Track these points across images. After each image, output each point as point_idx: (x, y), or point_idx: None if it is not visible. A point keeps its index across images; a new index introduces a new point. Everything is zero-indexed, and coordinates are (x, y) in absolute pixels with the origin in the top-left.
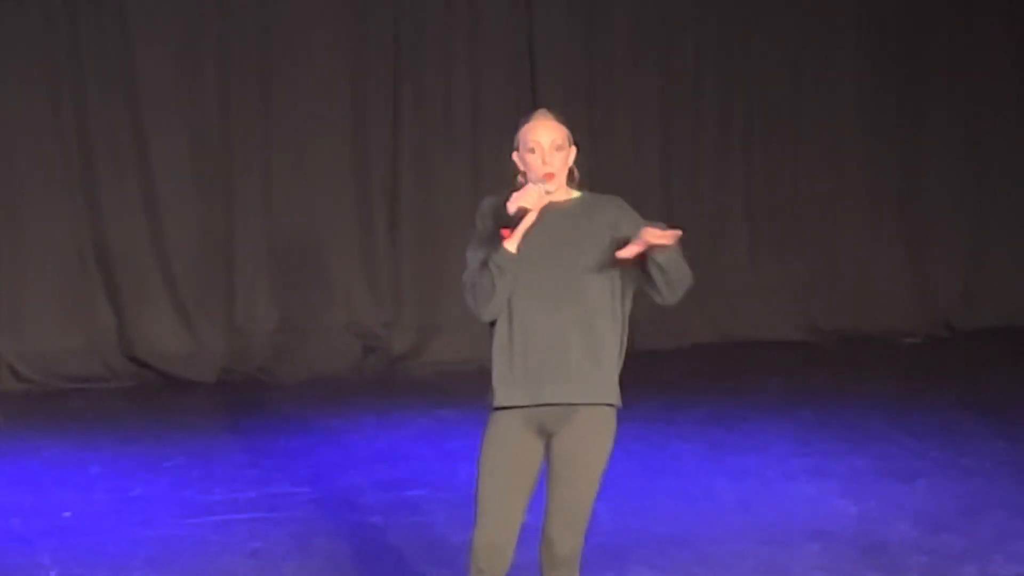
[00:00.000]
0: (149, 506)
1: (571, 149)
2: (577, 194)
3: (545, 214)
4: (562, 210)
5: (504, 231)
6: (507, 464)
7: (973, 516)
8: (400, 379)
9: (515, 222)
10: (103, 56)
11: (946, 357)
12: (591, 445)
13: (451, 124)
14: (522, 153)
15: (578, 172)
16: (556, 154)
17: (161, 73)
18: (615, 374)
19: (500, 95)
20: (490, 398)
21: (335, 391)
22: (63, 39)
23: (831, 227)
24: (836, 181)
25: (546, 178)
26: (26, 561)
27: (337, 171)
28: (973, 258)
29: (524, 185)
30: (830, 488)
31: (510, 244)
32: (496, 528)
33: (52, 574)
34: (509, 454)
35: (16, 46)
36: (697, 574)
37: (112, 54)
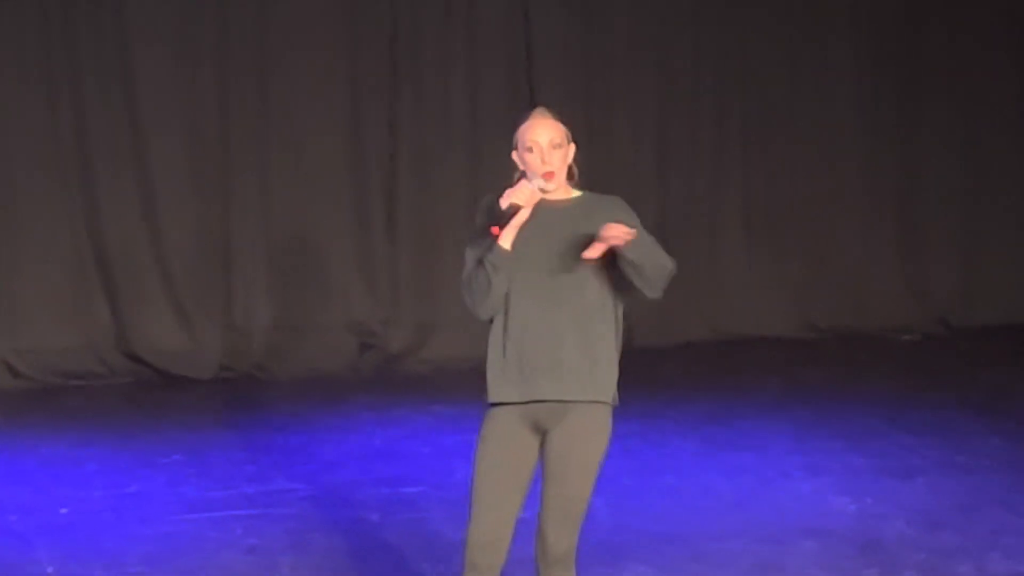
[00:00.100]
0: (146, 503)
1: (570, 147)
2: (577, 193)
3: (544, 212)
4: (561, 209)
5: (493, 228)
6: (502, 460)
7: (970, 513)
8: (397, 376)
9: (506, 219)
10: (101, 55)
11: (943, 355)
12: (585, 442)
13: (449, 122)
14: (521, 152)
15: (577, 170)
16: (555, 152)
17: (159, 71)
18: (612, 372)
19: (498, 94)
20: (486, 394)
21: (332, 388)
22: (61, 37)
23: (829, 225)
24: (834, 179)
25: (545, 176)
26: (23, 558)
27: (335, 169)
28: (970, 256)
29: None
30: (827, 486)
31: (504, 241)
32: (491, 524)
33: (49, 571)
34: (504, 450)
35: (14, 44)
36: (694, 572)
37: (110, 53)
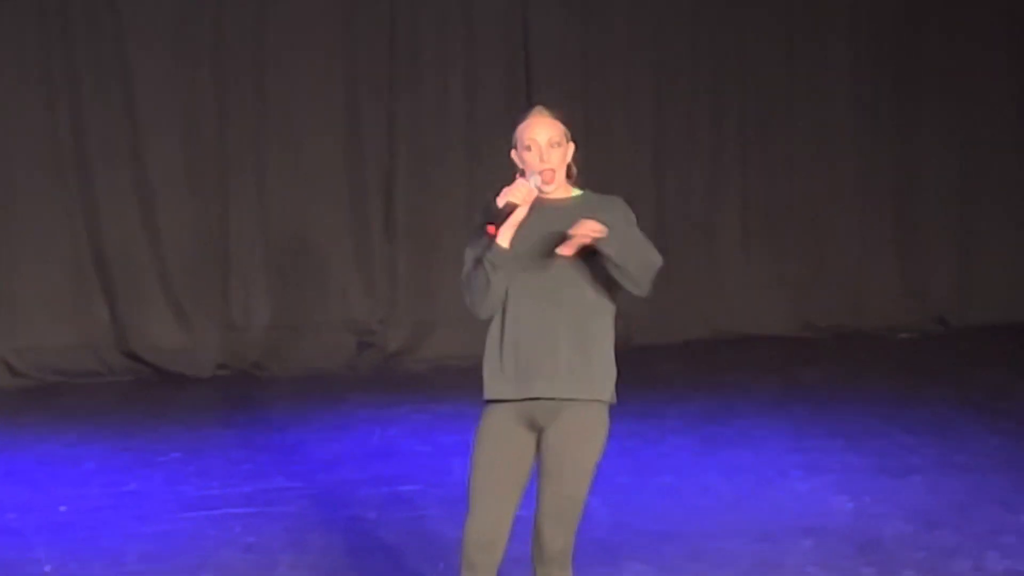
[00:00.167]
0: (144, 501)
1: (569, 146)
2: (577, 192)
3: (543, 211)
4: (560, 208)
5: (489, 227)
6: (499, 458)
7: (968, 512)
8: (395, 375)
9: (503, 217)
10: (99, 55)
11: (940, 353)
12: (581, 441)
13: (447, 122)
14: (519, 151)
15: (575, 169)
16: (553, 151)
17: (157, 71)
18: (608, 370)
19: (496, 94)
20: (483, 392)
21: (331, 387)
22: (59, 37)
23: (827, 224)
24: (832, 179)
25: (544, 175)
26: (22, 556)
27: (333, 169)
28: (968, 255)
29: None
30: (825, 485)
31: (503, 239)
32: (488, 522)
33: (47, 569)
34: (501, 448)
35: (12, 44)
36: (693, 570)
37: (108, 53)
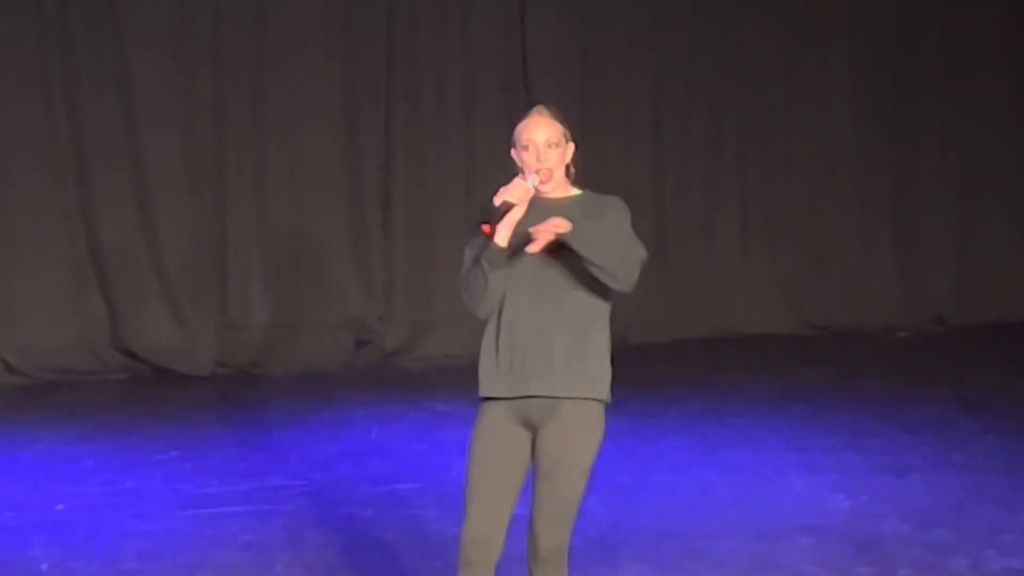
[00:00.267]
0: (142, 499)
1: (568, 146)
2: (576, 192)
3: (541, 210)
4: (559, 207)
5: (484, 226)
6: (495, 456)
7: (965, 510)
8: (393, 373)
9: (499, 216)
10: (97, 54)
11: (938, 352)
12: (575, 440)
13: (444, 120)
14: (518, 150)
15: (574, 169)
16: (550, 151)
17: (155, 71)
18: (604, 369)
19: (493, 93)
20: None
21: (328, 385)
22: (57, 37)
23: (823, 222)
24: (830, 178)
25: (541, 175)
26: (19, 555)
27: (330, 166)
28: (966, 253)
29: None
30: (822, 483)
31: (500, 239)
32: (484, 520)
33: (44, 567)
34: (497, 446)
35: (10, 44)
36: (689, 569)
37: (106, 52)
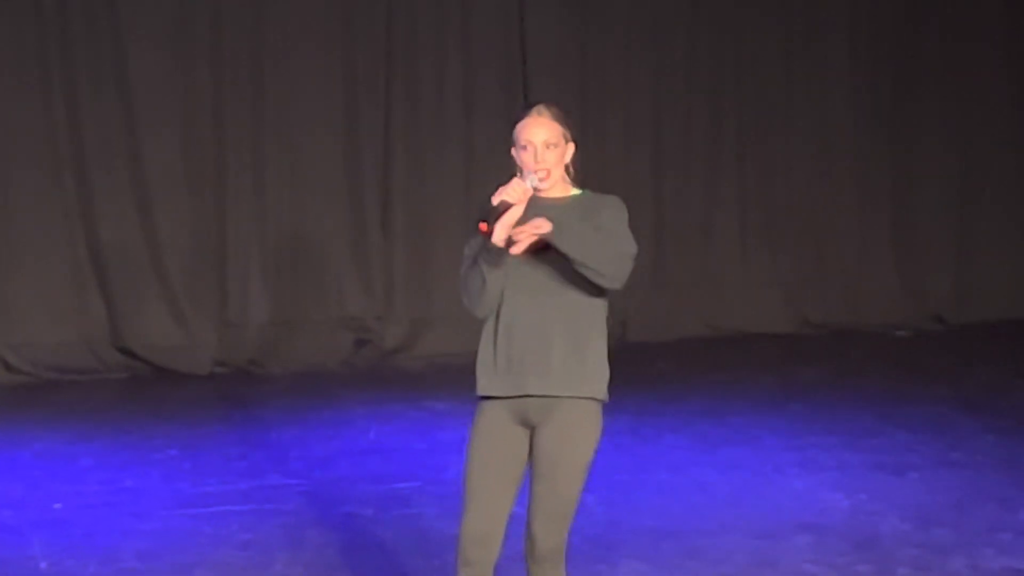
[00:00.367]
0: (141, 498)
1: (568, 146)
2: (576, 191)
3: (540, 210)
4: (557, 206)
5: (481, 225)
6: (493, 454)
7: (963, 509)
8: (392, 372)
9: (497, 216)
10: (96, 53)
11: (937, 351)
12: (573, 439)
13: (443, 119)
14: (517, 150)
15: (573, 169)
16: (548, 152)
17: (154, 69)
18: (601, 368)
19: (492, 92)
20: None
21: (327, 384)
22: (56, 36)
23: (823, 222)
24: (829, 177)
25: (539, 175)
26: (17, 554)
27: (329, 165)
28: (964, 252)
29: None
30: (821, 481)
31: (498, 238)
32: (483, 518)
33: (43, 566)
34: (495, 444)
35: (9, 43)
36: (688, 567)
37: (105, 51)
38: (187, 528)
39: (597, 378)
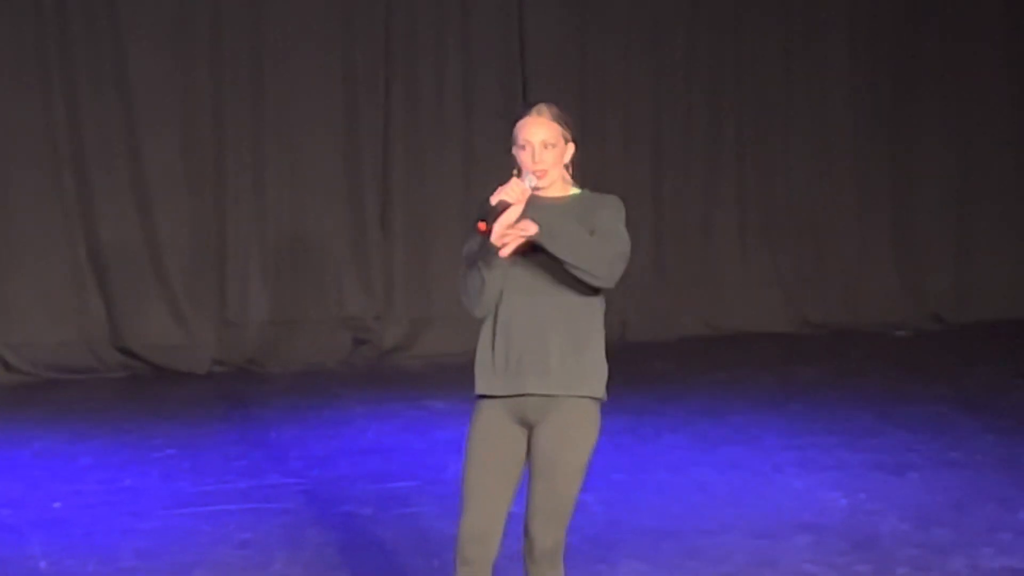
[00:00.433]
0: (139, 497)
1: (567, 147)
2: (575, 191)
3: (539, 209)
4: (556, 206)
5: (480, 224)
6: (491, 453)
7: (963, 509)
8: (390, 371)
9: (496, 216)
10: (96, 52)
11: (936, 350)
12: (570, 438)
13: (442, 118)
14: (516, 149)
15: (573, 169)
16: (546, 152)
17: (154, 68)
18: (599, 367)
19: (492, 92)
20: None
21: (326, 383)
22: (55, 35)
23: (822, 221)
24: (828, 176)
25: (537, 175)
26: (17, 553)
27: (329, 164)
28: (963, 251)
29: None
30: (820, 481)
31: (497, 238)
32: (481, 517)
33: (42, 565)
34: (493, 443)
35: (9, 42)
36: (687, 567)
37: (105, 50)
38: (186, 527)
39: (595, 377)
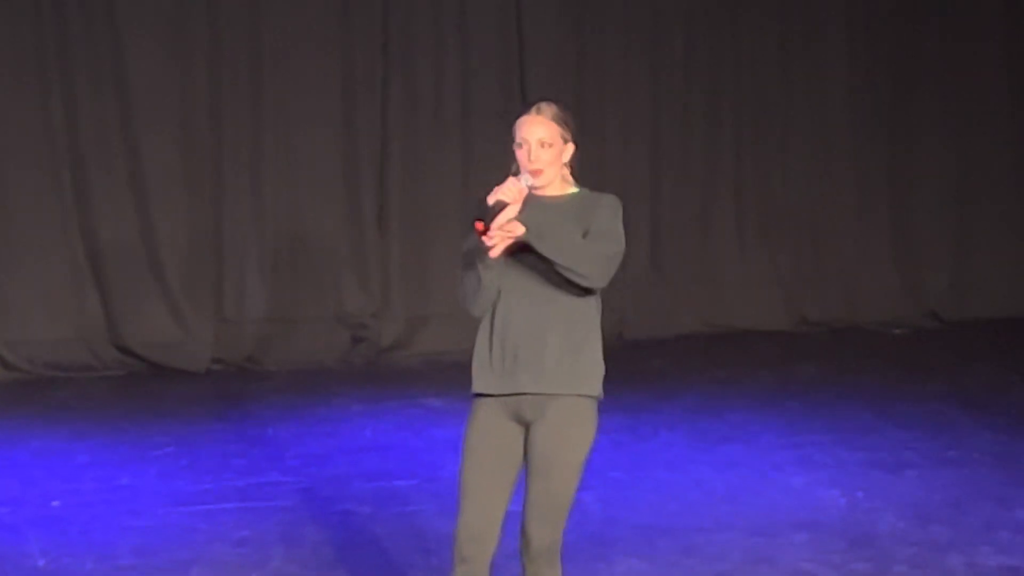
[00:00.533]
0: (137, 495)
1: (566, 146)
2: (574, 190)
3: (537, 208)
4: (554, 205)
5: (477, 223)
6: (488, 452)
7: (960, 507)
8: (388, 369)
9: (493, 215)
10: (93, 52)
11: (934, 348)
12: (567, 437)
13: (440, 116)
14: (514, 147)
15: (572, 168)
16: (543, 151)
17: (151, 67)
18: (596, 366)
19: (490, 90)
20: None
21: (324, 381)
22: (53, 35)
23: (820, 219)
24: (826, 175)
25: (533, 174)
26: (14, 551)
27: (327, 164)
28: (962, 250)
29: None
30: (818, 479)
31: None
32: (479, 515)
33: (40, 563)
34: (490, 442)
35: (7, 41)
36: (684, 565)
37: (103, 50)
38: (184, 525)
39: (592, 375)
